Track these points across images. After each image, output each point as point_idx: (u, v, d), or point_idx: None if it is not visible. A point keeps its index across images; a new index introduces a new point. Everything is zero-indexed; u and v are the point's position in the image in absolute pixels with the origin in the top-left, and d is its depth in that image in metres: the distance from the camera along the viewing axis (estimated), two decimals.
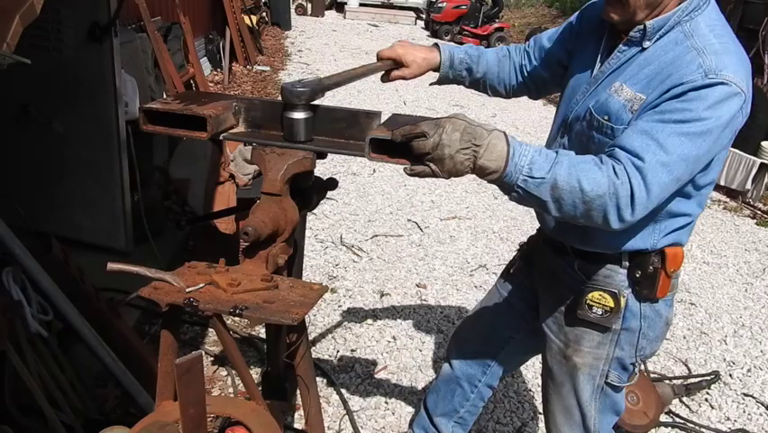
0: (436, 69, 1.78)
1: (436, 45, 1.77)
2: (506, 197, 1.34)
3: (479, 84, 1.84)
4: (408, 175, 1.30)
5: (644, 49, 1.41)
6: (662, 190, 1.28)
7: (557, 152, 1.28)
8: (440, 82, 1.85)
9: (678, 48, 1.35)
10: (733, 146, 5.70)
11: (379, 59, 1.72)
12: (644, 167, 1.25)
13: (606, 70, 1.47)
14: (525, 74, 1.80)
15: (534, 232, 1.90)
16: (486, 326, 2.00)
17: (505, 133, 1.27)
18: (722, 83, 1.27)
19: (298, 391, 1.52)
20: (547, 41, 1.75)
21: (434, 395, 2.16)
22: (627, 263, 1.56)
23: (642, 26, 1.40)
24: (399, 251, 4.06)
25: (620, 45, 1.45)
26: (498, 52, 1.82)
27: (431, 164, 1.23)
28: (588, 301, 1.58)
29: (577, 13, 1.71)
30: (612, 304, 1.56)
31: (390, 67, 1.71)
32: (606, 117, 1.42)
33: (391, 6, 15.65)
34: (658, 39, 1.39)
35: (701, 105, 1.26)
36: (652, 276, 1.54)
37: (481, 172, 1.25)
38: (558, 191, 1.24)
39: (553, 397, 1.77)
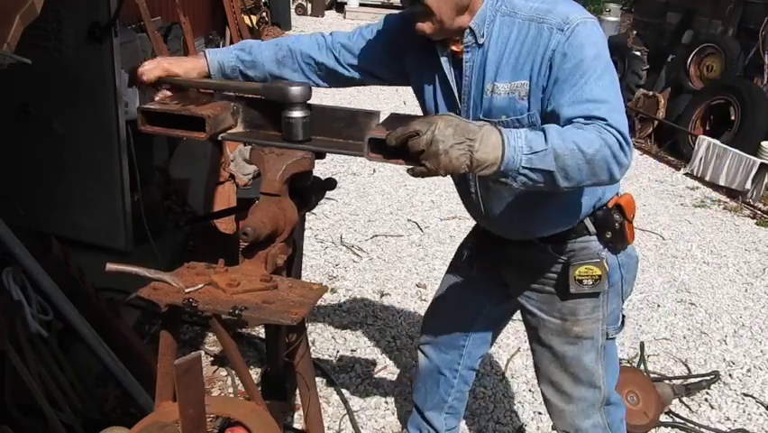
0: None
1: (203, 53, 1.70)
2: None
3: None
4: (411, 176, 1.30)
5: (481, 45, 1.47)
6: (626, 125, 1.35)
7: (542, 128, 1.31)
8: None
9: (515, 29, 1.43)
10: (733, 146, 5.64)
11: (142, 83, 1.62)
12: (608, 119, 1.31)
13: (468, 82, 1.52)
14: (323, 72, 1.73)
15: (471, 232, 1.96)
16: (451, 309, 2.02)
17: (495, 125, 1.29)
18: (577, 24, 1.38)
19: (298, 391, 1.52)
20: (354, 48, 1.71)
21: (420, 391, 2.17)
22: (594, 229, 1.64)
23: (467, 29, 1.46)
24: (399, 251, 4.06)
25: (464, 56, 1.50)
26: (277, 53, 1.71)
27: (426, 162, 1.23)
28: (576, 277, 1.64)
29: (378, 25, 1.71)
30: (600, 272, 1.63)
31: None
32: (504, 116, 1.47)
33: (391, 6, 15.64)
34: (489, 34, 1.46)
35: (584, 50, 1.37)
36: (620, 230, 1.64)
37: (479, 166, 1.25)
38: (561, 159, 1.26)
39: (556, 370, 1.80)
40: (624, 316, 1.80)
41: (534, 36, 1.41)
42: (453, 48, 1.51)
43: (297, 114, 1.44)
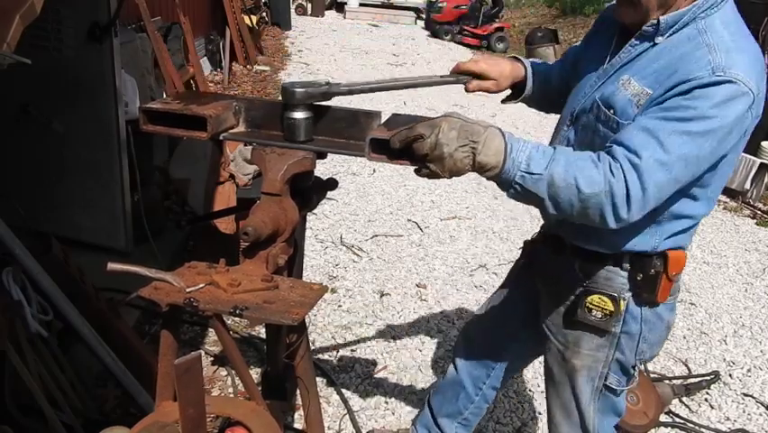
0: (520, 83, 1.71)
1: (516, 58, 1.71)
2: (506, 196, 1.34)
3: (549, 97, 1.76)
4: (418, 176, 1.30)
5: (655, 44, 1.37)
6: (660, 190, 1.26)
7: (555, 149, 1.28)
8: (520, 99, 1.75)
9: (689, 44, 1.32)
10: None
11: (458, 71, 1.63)
12: (641, 165, 1.23)
13: (615, 64, 1.44)
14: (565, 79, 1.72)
15: (537, 231, 1.89)
16: (490, 327, 2.00)
17: (500, 129, 1.28)
18: (730, 81, 1.23)
19: (298, 391, 1.52)
20: (575, 50, 1.73)
21: (438, 396, 2.15)
22: (628, 265, 1.53)
23: (655, 21, 1.36)
24: (399, 251, 4.06)
25: (632, 39, 1.41)
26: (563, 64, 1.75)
27: (431, 165, 1.23)
28: (587, 304, 1.56)
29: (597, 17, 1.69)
30: (612, 308, 1.54)
31: (467, 81, 1.63)
32: (612, 111, 1.39)
33: (391, 6, 15.65)
34: (671, 35, 1.36)
35: (706, 103, 1.23)
36: (653, 279, 1.51)
37: (481, 169, 1.25)
38: (555, 188, 1.24)
39: (553, 397, 1.78)
40: (636, 377, 1.68)
41: (691, 59, 1.29)
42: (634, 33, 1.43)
43: (298, 114, 1.44)
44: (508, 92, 1.76)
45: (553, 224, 1.65)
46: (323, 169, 1.59)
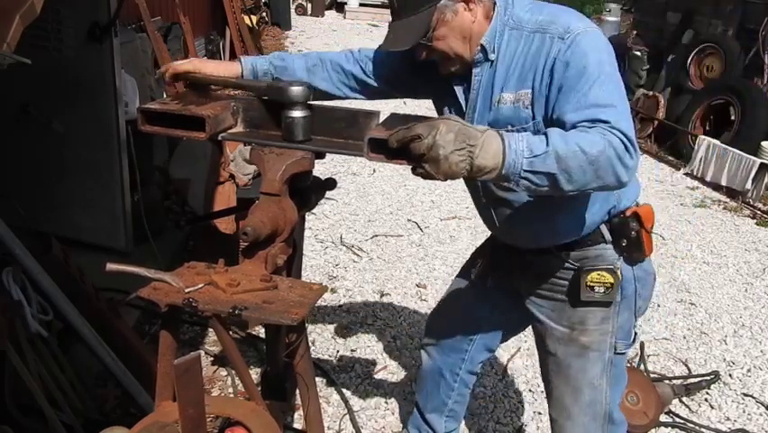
0: None
1: (238, 59, 1.76)
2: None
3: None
4: (414, 174, 1.30)
5: (492, 61, 1.50)
6: (631, 128, 1.35)
7: (544, 132, 1.31)
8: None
9: (522, 41, 1.47)
10: (733, 146, 5.61)
11: (174, 72, 1.64)
12: (611, 123, 1.31)
13: (474, 97, 1.55)
14: (352, 81, 1.78)
15: (484, 244, 1.96)
16: (457, 312, 2.02)
17: (497, 131, 1.28)
18: (578, 33, 1.40)
19: (298, 391, 1.52)
20: (377, 60, 1.75)
21: (421, 393, 2.18)
22: (610, 236, 1.62)
23: (478, 47, 1.49)
24: (399, 251, 4.06)
25: (473, 70, 1.53)
26: (307, 62, 1.78)
27: (426, 165, 1.24)
28: (588, 283, 1.61)
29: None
30: (612, 280, 1.61)
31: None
32: (509, 126, 1.48)
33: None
34: (498, 47, 1.49)
35: (587, 57, 1.37)
36: (636, 239, 1.62)
37: (479, 172, 1.25)
38: (563, 161, 1.25)
39: (559, 382, 1.77)
40: (636, 333, 1.76)
41: (538, 46, 1.44)
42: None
43: (297, 113, 1.45)
44: None
45: (520, 239, 1.73)
46: (322, 169, 1.60)
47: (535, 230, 1.65)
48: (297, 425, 2.39)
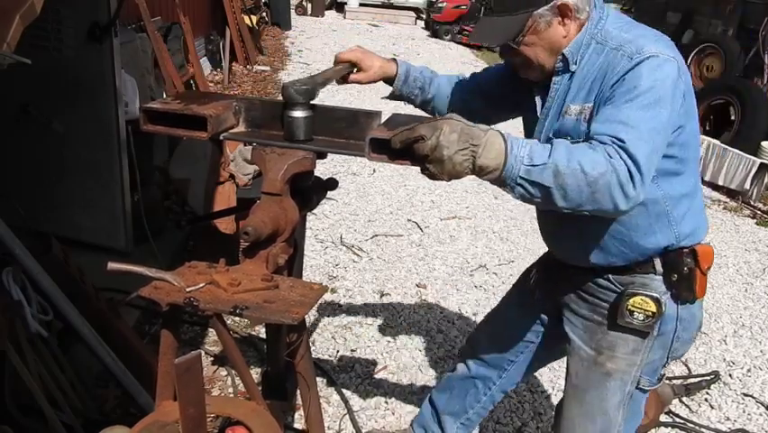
0: (389, 82, 1.81)
1: (395, 59, 1.80)
2: (506, 196, 1.35)
3: (428, 105, 1.86)
4: (423, 175, 1.30)
5: (572, 72, 1.50)
6: (648, 161, 1.32)
7: (551, 142, 1.30)
8: (392, 96, 1.86)
9: (601, 55, 1.45)
10: (733, 146, 5.63)
11: (338, 61, 1.73)
12: (626, 145, 1.29)
13: (549, 105, 1.55)
14: (479, 97, 1.81)
15: (544, 254, 1.91)
16: (506, 329, 1.99)
17: (500, 131, 1.28)
18: (648, 57, 1.37)
19: (298, 391, 1.52)
20: (492, 76, 1.81)
21: (446, 393, 2.14)
22: (661, 268, 1.57)
23: (560, 56, 1.49)
24: (399, 251, 4.06)
25: (553, 79, 1.53)
26: (451, 78, 1.84)
27: (430, 166, 1.24)
28: (629, 307, 1.56)
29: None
30: (654, 309, 1.55)
31: (348, 70, 1.73)
32: (569, 138, 1.45)
33: (391, 6, 15.65)
34: (581, 59, 1.48)
35: (641, 80, 1.35)
36: (688, 277, 1.56)
37: (481, 172, 1.25)
38: (561, 177, 1.24)
39: (574, 403, 1.74)
40: (664, 374, 1.70)
41: (610, 62, 1.42)
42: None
43: (298, 113, 1.44)
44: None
45: (571, 257, 1.69)
46: (323, 168, 1.59)
47: (585, 245, 1.61)
48: (298, 425, 2.39)
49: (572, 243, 1.64)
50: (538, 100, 1.58)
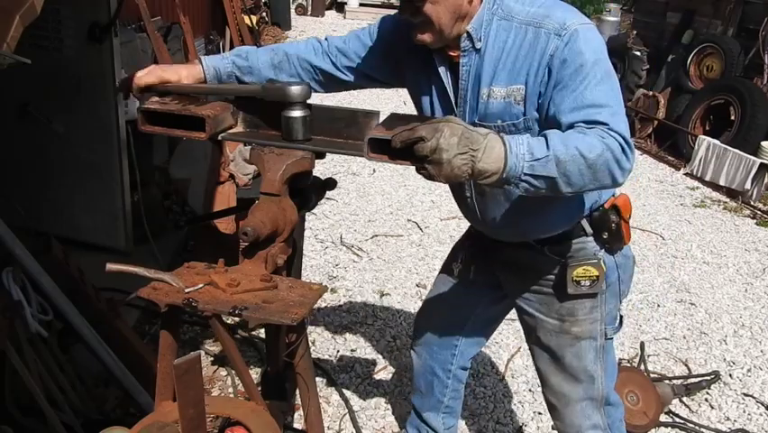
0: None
1: (198, 59, 1.69)
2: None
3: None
4: (419, 174, 1.30)
5: (478, 50, 1.47)
6: (627, 130, 1.35)
7: (544, 134, 1.31)
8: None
9: (512, 33, 1.43)
10: (733, 146, 5.63)
11: (139, 89, 1.57)
12: (608, 123, 1.31)
13: (464, 87, 1.52)
14: (321, 76, 1.73)
15: (467, 232, 1.96)
16: (443, 310, 2.03)
17: (500, 134, 1.28)
18: (575, 30, 1.38)
19: (298, 391, 1.52)
20: (350, 52, 1.71)
21: (417, 393, 2.19)
22: (591, 229, 1.64)
23: (465, 34, 1.45)
24: (399, 251, 4.07)
25: (460, 61, 1.49)
26: (274, 58, 1.71)
27: (428, 167, 1.24)
28: (574, 278, 1.64)
29: (373, 28, 1.70)
30: (597, 272, 1.63)
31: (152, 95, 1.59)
32: (500, 121, 1.48)
33: (391, 6, 15.65)
34: (486, 37, 1.45)
35: (583, 56, 1.36)
36: (617, 231, 1.65)
37: (480, 176, 1.25)
38: (563, 165, 1.26)
39: (555, 370, 1.80)
40: (622, 316, 1.80)
41: (532, 41, 1.41)
42: (450, 53, 1.52)
43: (296, 113, 1.44)
44: None
45: (501, 233, 1.73)
46: (322, 168, 1.59)
47: (522, 224, 1.66)
48: (297, 425, 2.39)
49: (508, 222, 1.67)
50: (446, 78, 1.54)
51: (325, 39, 1.75)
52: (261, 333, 2.94)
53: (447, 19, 1.43)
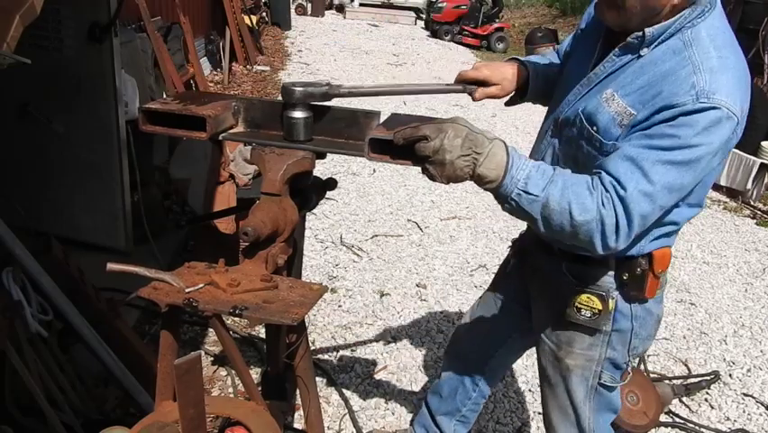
0: (523, 84, 1.70)
1: (516, 59, 1.69)
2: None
3: (552, 92, 1.70)
4: (422, 174, 1.30)
5: (640, 56, 1.35)
6: (644, 219, 1.27)
7: (554, 170, 1.28)
8: (524, 100, 1.74)
9: (675, 58, 1.29)
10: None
11: (462, 80, 1.61)
12: (626, 197, 1.24)
13: (599, 73, 1.42)
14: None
15: (525, 228, 1.90)
16: (484, 326, 2.01)
17: (505, 142, 1.28)
18: (714, 107, 1.22)
19: (298, 391, 1.52)
20: (566, 44, 1.73)
21: (436, 396, 2.17)
22: (614, 266, 1.54)
23: (641, 33, 1.33)
24: (399, 251, 4.06)
25: (616, 49, 1.39)
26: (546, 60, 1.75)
27: (430, 167, 1.23)
28: (576, 304, 1.57)
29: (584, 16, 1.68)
30: (600, 306, 1.54)
31: (473, 90, 1.61)
32: (594, 128, 1.39)
33: (391, 6, 15.65)
34: (656, 46, 1.33)
35: (691, 132, 1.22)
36: (639, 278, 1.52)
37: (479, 180, 1.25)
38: (548, 210, 1.25)
39: (549, 397, 1.78)
40: (629, 372, 1.69)
41: (675, 78, 1.26)
42: (619, 39, 1.40)
43: (298, 113, 1.44)
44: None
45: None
46: (322, 168, 1.59)
47: None
48: (298, 425, 2.39)
49: None
50: (593, 59, 1.45)
51: None
52: (262, 333, 2.94)
53: (639, 11, 1.31)
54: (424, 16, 15.25)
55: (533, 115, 7.89)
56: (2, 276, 1.89)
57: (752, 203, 5.36)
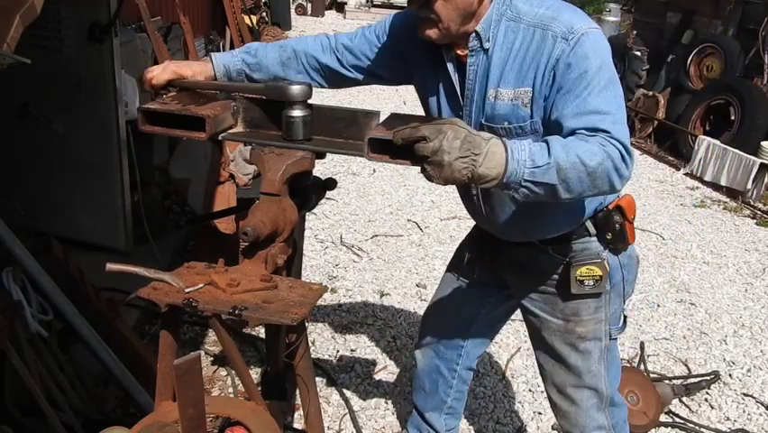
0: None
1: (209, 56, 1.70)
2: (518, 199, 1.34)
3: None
4: (421, 174, 1.30)
5: (486, 50, 1.47)
6: (628, 137, 1.36)
7: (545, 140, 1.31)
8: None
9: (519, 34, 1.44)
10: (733, 146, 5.62)
11: (155, 87, 1.60)
12: (611, 132, 1.32)
13: (471, 87, 1.52)
14: (327, 73, 1.74)
15: (472, 230, 1.96)
16: (450, 310, 2.03)
17: (501, 139, 1.28)
18: (582, 34, 1.38)
19: (298, 391, 1.52)
20: (357, 50, 1.72)
21: (419, 393, 2.18)
22: (594, 230, 1.65)
23: (473, 33, 1.46)
24: (399, 251, 4.07)
25: (468, 60, 1.50)
26: (282, 55, 1.72)
27: (428, 168, 1.23)
28: (578, 278, 1.64)
29: (382, 25, 1.72)
30: (601, 272, 1.64)
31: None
32: (506, 123, 1.48)
33: (391, 6, 15.65)
34: (494, 37, 1.46)
35: (587, 61, 1.37)
36: (621, 231, 1.64)
37: (480, 180, 1.25)
38: (563, 172, 1.27)
39: (559, 370, 1.80)
40: (626, 316, 1.80)
41: (539, 43, 1.41)
42: (458, 52, 1.52)
43: (297, 113, 1.44)
44: None
45: (506, 233, 1.73)
46: (322, 168, 1.59)
47: (527, 224, 1.66)
48: (297, 425, 2.39)
49: (513, 222, 1.67)
50: (453, 75, 1.54)
51: (333, 35, 1.75)
52: (262, 333, 2.94)
53: (455, 17, 1.42)
54: None
55: None
56: (2, 276, 1.89)
57: (752, 203, 5.35)
